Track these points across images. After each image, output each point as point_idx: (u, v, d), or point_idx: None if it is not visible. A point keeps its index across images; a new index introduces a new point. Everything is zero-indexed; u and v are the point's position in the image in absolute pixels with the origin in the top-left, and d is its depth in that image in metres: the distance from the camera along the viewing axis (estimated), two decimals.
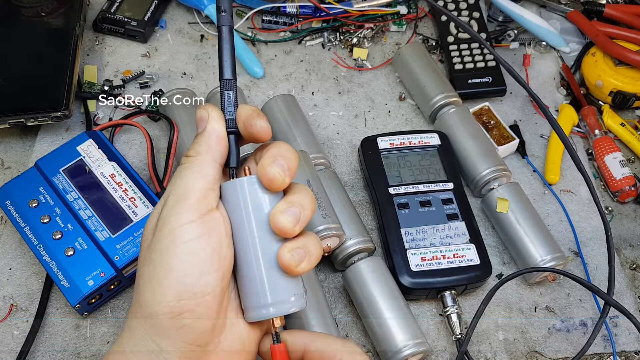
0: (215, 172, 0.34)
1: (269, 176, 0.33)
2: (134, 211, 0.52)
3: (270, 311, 0.34)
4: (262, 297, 0.34)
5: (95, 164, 0.55)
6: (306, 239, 0.34)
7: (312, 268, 0.34)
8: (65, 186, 0.54)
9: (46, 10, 0.66)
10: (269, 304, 0.34)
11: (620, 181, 0.61)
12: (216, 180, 0.34)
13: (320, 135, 0.65)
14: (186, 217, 0.33)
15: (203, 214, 0.33)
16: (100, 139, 0.57)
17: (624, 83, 0.66)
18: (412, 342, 0.47)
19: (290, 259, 0.33)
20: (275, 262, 0.34)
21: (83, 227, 0.52)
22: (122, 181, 0.54)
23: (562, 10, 0.74)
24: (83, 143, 0.56)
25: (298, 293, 0.35)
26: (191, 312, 0.32)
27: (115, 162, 0.55)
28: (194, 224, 0.32)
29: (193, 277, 0.32)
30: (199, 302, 0.32)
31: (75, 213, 0.52)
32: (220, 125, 0.35)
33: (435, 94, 0.63)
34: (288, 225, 0.33)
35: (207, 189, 0.34)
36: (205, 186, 0.34)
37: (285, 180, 0.34)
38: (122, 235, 0.51)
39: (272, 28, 0.73)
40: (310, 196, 0.35)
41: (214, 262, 0.33)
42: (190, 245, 0.32)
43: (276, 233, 0.34)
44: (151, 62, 0.69)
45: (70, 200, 0.53)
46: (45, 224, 0.52)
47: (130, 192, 0.53)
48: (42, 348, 0.50)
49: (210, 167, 0.34)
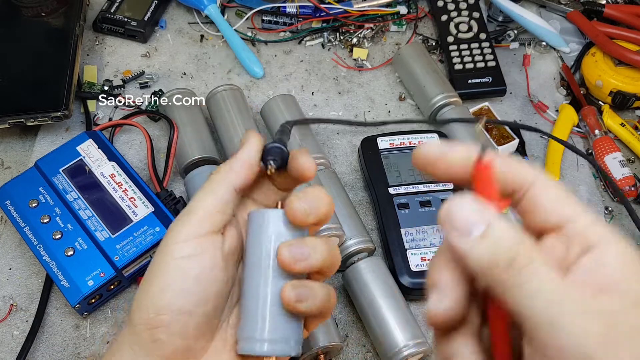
0: (229, 195, 0.33)
1: (292, 207, 0.32)
2: (134, 211, 0.52)
3: (263, 348, 0.32)
4: (259, 331, 0.32)
5: (95, 164, 0.55)
6: (315, 283, 0.33)
7: (315, 312, 0.33)
8: (65, 186, 0.54)
9: (46, 10, 0.66)
10: (264, 340, 0.32)
11: (620, 181, 0.61)
12: (227, 203, 0.33)
13: (320, 135, 0.65)
14: (183, 234, 0.32)
15: (202, 234, 0.32)
16: (100, 139, 0.57)
17: (624, 83, 0.66)
18: (412, 342, 0.47)
19: (290, 295, 0.32)
20: (279, 298, 0.32)
21: (83, 227, 0.52)
22: (122, 181, 0.54)
23: (562, 10, 0.74)
24: (83, 143, 0.56)
25: (296, 339, 0.33)
26: (166, 328, 0.31)
27: (115, 162, 0.55)
28: (188, 243, 0.32)
29: (173, 294, 0.31)
30: (175, 319, 0.31)
31: (75, 213, 0.52)
32: (251, 153, 0.34)
33: (435, 94, 0.63)
34: (288, 261, 0.32)
35: (214, 210, 0.33)
36: (212, 206, 0.33)
37: (309, 218, 0.33)
38: (122, 235, 0.51)
39: (272, 28, 0.73)
40: (328, 246, 0.33)
41: (200, 283, 0.32)
42: (179, 262, 0.32)
43: (280, 267, 0.33)
44: (151, 62, 0.69)
45: (70, 200, 0.53)
46: (45, 224, 0.52)
47: (130, 192, 0.53)
48: (42, 348, 0.50)
49: (224, 189, 0.33)
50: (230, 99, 0.61)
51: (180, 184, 0.60)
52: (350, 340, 0.52)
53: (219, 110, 0.61)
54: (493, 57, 0.68)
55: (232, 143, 0.58)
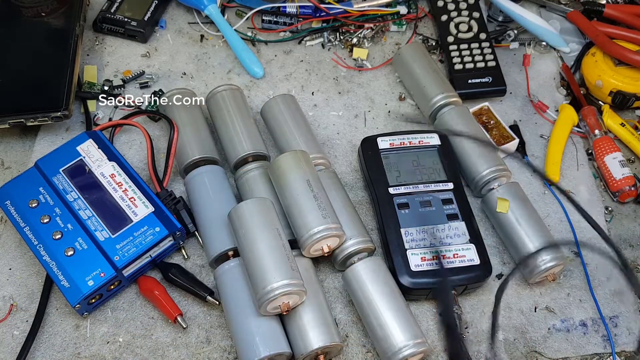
0: None
1: None
2: (134, 211, 0.52)
3: None
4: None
5: (95, 164, 0.55)
6: None
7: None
8: (65, 186, 0.54)
9: (46, 10, 0.66)
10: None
11: (620, 181, 0.61)
12: None
13: (320, 135, 0.65)
14: None
15: None
16: (100, 139, 0.57)
17: (624, 83, 0.66)
18: (412, 342, 0.47)
19: None
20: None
21: (83, 227, 0.52)
22: (122, 181, 0.54)
23: (562, 10, 0.74)
24: (83, 143, 0.56)
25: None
26: None
27: (115, 162, 0.55)
28: None
29: None
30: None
31: (75, 213, 0.52)
32: None
33: (435, 94, 0.63)
34: None
35: None
36: None
37: None
38: (122, 235, 0.51)
39: (272, 28, 0.73)
40: None
41: None
42: None
43: None
44: (151, 62, 0.69)
45: (70, 200, 0.53)
46: (45, 224, 0.52)
47: (130, 192, 0.53)
48: (42, 348, 0.50)
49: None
50: (230, 99, 0.61)
51: (180, 183, 0.60)
52: (350, 340, 0.52)
53: (219, 110, 0.61)
54: (493, 57, 0.68)
55: (232, 143, 0.58)
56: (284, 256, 0.48)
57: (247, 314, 0.48)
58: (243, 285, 0.50)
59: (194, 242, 0.56)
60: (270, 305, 0.47)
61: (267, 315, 0.48)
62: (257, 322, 0.48)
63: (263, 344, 0.47)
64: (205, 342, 0.51)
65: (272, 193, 0.55)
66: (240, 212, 0.50)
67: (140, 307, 0.53)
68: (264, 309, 0.47)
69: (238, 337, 0.48)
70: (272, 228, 0.49)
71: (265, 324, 0.48)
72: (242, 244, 0.49)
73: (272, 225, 0.50)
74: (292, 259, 0.49)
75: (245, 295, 0.49)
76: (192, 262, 0.56)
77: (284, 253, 0.48)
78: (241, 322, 0.48)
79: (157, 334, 0.52)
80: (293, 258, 0.49)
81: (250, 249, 0.48)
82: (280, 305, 0.47)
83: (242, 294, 0.49)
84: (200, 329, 0.52)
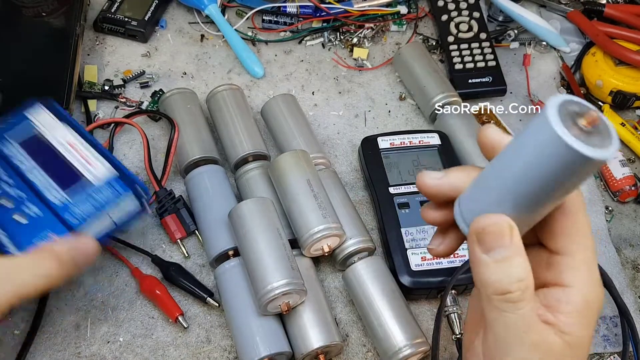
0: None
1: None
2: (90, 172, 0.48)
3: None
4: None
5: (46, 129, 0.50)
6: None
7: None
8: (14, 152, 0.49)
9: (46, 10, 0.66)
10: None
11: (620, 181, 0.61)
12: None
13: (321, 135, 0.65)
14: None
15: None
16: (53, 106, 0.52)
17: (624, 83, 0.66)
18: (412, 342, 0.47)
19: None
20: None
21: (35, 192, 0.47)
22: (76, 142, 0.49)
23: (562, 10, 0.74)
24: (33, 109, 0.51)
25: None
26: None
27: (67, 124, 0.50)
28: None
29: None
30: None
31: (26, 178, 0.48)
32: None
33: (435, 93, 0.63)
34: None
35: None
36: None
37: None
38: (76, 196, 0.47)
39: (272, 28, 0.73)
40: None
41: None
42: None
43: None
44: (151, 62, 0.70)
45: (19, 164, 0.48)
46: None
47: (85, 152, 0.49)
48: (42, 348, 0.50)
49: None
50: (231, 99, 0.61)
51: (180, 183, 0.60)
52: (350, 340, 0.52)
53: (219, 110, 0.61)
54: (493, 56, 0.68)
55: (233, 143, 0.58)
56: (284, 256, 0.48)
57: (248, 313, 0.48)
58: (243, 284, 0.50)
59: (194, 242, 0.56)
60: (271, 304, 0.47)
61: (268, 314, 0.48)
62: (258, 321, 0.48)
63: (263, 343, 0.47)
64: (205, 342, 0.51)
65: (272, 193, 0.55)
66: (240, 211, 0.50)
67: (140, 307, 0.53)
68: (264, 308, 0.47)
69: (238, 337, 0.48)
70: (273, 228, 0.49)
71: (266, 323, 0.48)
72: (243, 244, 0.49)
73: (273, 225, 0.50)
74: (293, 259, 0.49)
75: (246, 294, 0.49)
76: (193, 261, 0.56)
77: (284, 252, 0.48)
78: (241, 322, 0.48)
79: (157, 334, 0.52)
80: (293, 258, 0.49)
81: (250, 249, 0.49)
82: (280, 304, 0.47)
83: (242, 294, 0.49)
84: (201, 329, 0.52)
